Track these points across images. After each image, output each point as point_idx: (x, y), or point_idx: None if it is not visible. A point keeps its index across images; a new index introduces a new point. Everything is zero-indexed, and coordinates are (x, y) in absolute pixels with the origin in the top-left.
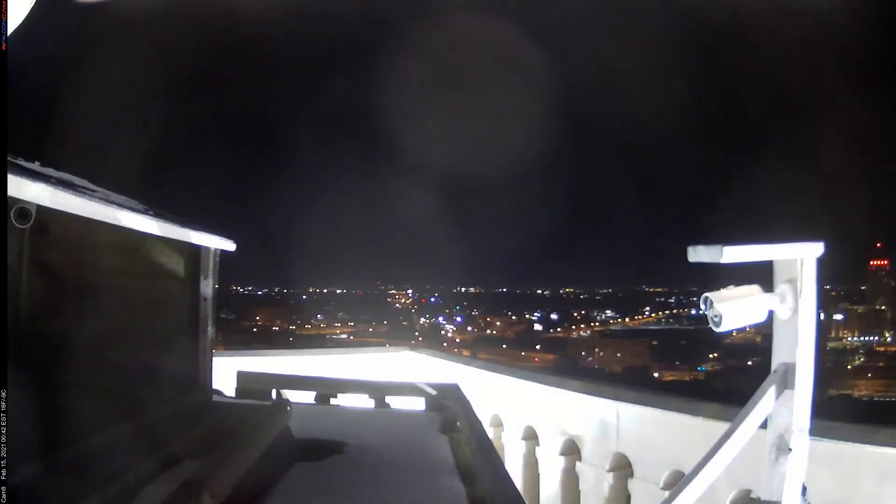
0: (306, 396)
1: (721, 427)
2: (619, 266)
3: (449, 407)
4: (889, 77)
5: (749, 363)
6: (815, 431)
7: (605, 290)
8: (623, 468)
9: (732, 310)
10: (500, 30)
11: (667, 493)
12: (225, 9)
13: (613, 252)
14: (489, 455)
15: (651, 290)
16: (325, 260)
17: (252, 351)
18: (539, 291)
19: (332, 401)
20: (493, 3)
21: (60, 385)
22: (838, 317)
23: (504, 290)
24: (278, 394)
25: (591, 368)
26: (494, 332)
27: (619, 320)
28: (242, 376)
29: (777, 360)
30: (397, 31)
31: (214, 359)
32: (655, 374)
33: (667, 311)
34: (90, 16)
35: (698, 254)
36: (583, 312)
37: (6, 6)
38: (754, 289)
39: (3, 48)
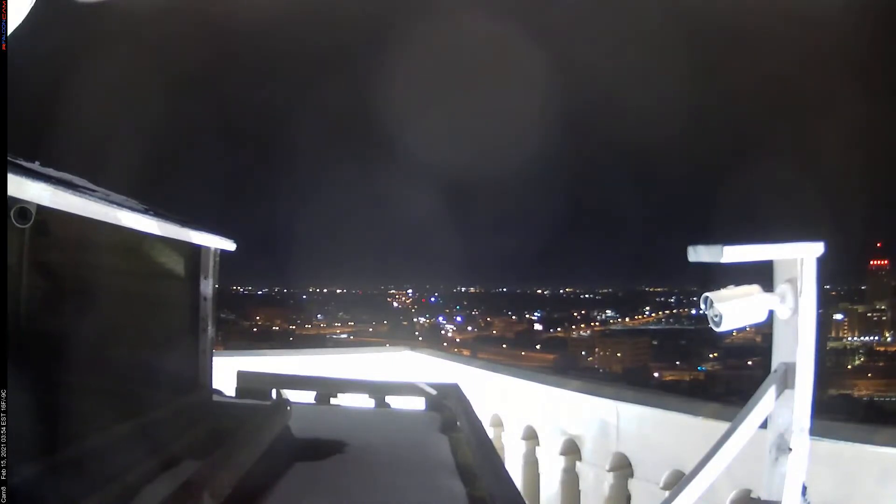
0: (306, 396)
1: (721, 427)
2: (619, 266)
3: (449, 407)
4: (889, 77)
5: (749, 363)
6: (815, 431)
7: (605, 290)
8: (623, 468)
9: (732, 310)
10: (502, 31)
11: (667, 493)
12: (226, 8)
13: (613, 252)
14: (489, 455)
15: (651, 290)
16: (325, 260)
17: (252, 351)
18: (539, 291)
19: (332, 401)
20: (495, 5)
21: (60, 385)
22: (838, 317)
23: (504, 290)
24: (278, 394)
25: (591, 368)
26: (494, 331)
27: (619, 320)
28: (242, 376)
29: (777, 360)
30: (400, 33)
31: (214, 359)
32: (655, 374)
33: (667, 311)
34: (90, 16)
35: (698, 254)
36: (583, 312)
37: (6, 6)
38: (754, 289)
39: (4, 48)
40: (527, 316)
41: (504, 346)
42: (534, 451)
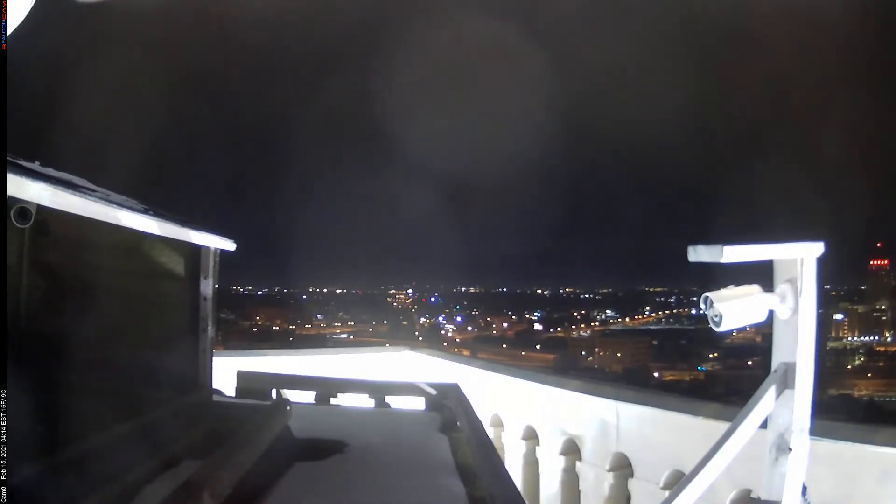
0: (306, 396)
1: (721, 427)
2: (619, 266)
3: (449, 407)
4: (890, 77)
5: (749, 363)
6: (815, 431)
7: (605, 290)
8: (623, 468)
9: (732, 309)
10: (502, 31)
11: (667, 493)
12: (225, 8)
13: (613, 252)
14: (489, 455)
15: (651, 290)
16: (325, 260)
17: (252, 351)
18: (539, 291)
19: (332, 401)
20: (495, 4)
21: (60, 385)
22: (838, 317)
23: (504, 290)
24: (278, 394)
25: (591, 368)
26: (494, 331)
27: (619, 320)
28: (242, 376)
29: (777, 359)
30: (399, 32)
31: (214, 359)
32: (655, 374)
33: (667, 311)
34: (90, 16)
35: (698, 254)
36: (583, 312)
37: (6, 6)
38: (754, 289)
39: (4, 48)
40: (527, 316)
41: (504, 346)
42: (534, 451)
